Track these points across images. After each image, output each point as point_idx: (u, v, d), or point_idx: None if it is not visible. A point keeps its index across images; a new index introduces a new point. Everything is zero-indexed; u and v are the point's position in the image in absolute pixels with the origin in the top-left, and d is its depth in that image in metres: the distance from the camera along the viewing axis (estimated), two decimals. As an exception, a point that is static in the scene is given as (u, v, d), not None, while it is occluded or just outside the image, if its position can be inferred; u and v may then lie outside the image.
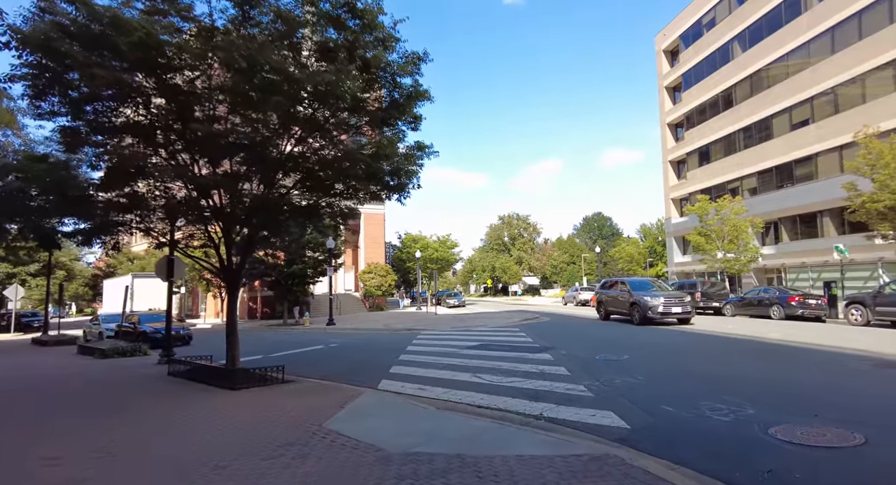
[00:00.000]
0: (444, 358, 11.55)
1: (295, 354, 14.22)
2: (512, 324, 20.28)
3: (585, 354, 11.32)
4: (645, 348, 12.04)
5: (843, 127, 25.93)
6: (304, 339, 19.24)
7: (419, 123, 11.88)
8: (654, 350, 11.75)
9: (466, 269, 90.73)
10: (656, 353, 11.28)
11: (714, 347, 12.42)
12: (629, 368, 9.28)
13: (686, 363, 9.82)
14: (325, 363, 12.31)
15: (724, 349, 11.86)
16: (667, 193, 43.53)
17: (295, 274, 26.34)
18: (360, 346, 15.65)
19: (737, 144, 34.19)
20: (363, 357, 13.01)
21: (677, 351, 11.67)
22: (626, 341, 13.61)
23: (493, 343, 13.84)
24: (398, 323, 23.07)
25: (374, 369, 10.77)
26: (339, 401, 7.34)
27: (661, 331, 16.37)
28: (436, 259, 45.16)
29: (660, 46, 43.51)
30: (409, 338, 16.58)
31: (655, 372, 8.83)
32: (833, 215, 27.13)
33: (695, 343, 13.20)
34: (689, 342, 13.39)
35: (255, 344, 18.14)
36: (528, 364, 10.13)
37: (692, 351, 11.69)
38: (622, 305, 19.87)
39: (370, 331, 20.91)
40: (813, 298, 19.75)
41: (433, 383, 8.83)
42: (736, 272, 27.65)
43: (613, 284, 22.36)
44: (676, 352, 11.50)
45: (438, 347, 13.71)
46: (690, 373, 8.63)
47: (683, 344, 12.96)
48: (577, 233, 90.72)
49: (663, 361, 10.07)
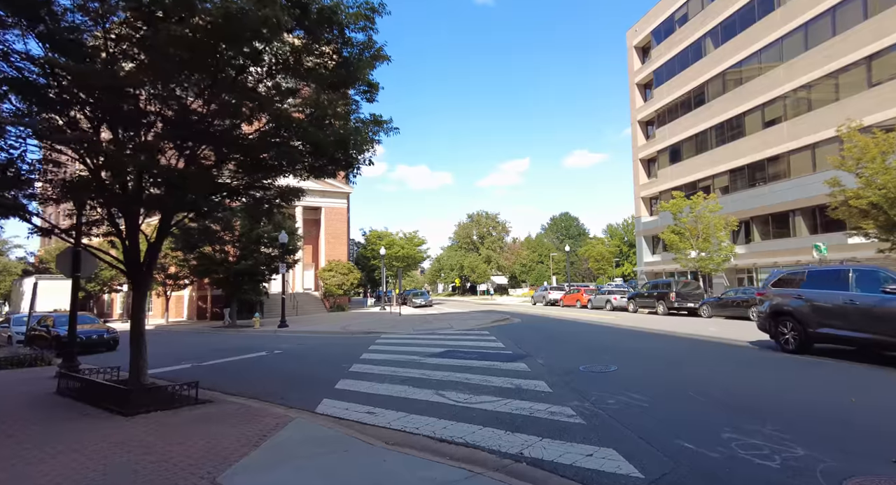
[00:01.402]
0: (402, 369, 9.87)
1: (231, 364, 12.26)
2: (481, 326, 18.74)
3: (565, 363, 9.83)
4: (631, 357, 10.64)
5: (816, 125, 25.52)
6: (248, 343, 17.21)
7: (375, 92, 10.18)
8: (643, 359, 10.36)
9: (434, 268, 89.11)
10: (646, 362, 9.88)
11: (708, 354, 11.13)
12: (621, 382, 7.80)
13: (685, 376, 8.42)
14: (261, 375, 10.44)
15: (719, 358, 10.57)
16: (637, 192, 42.97)
17: (245, 271, 24.12)
18: (309, 352, 13.78)
19: (709, 142, 33.69)
20: (308, 368, 11.19)
21: (669, 360, 10.30)
22: (607, 347, 12.21)
23: (460, 350, 12.23)
24: (357, 325, 21.23)
25: (319, 383, 9.04)
26: (256, 434, 5.58)
27: (642, 335, 15.10)
28: (402, 257, 43.34)
29: (631, 42, 42.89)
30: (367, 343, 14.83)
31: (653, 389, 7.38)
32: (806, 214, 26.73)
33: (685, 350, 11.91)
34: (678, 349, 12.10)
35: (190, 349, 16.02)
36: (501, 377, 8.55)
37: (686, 360, 10.35)
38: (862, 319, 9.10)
39: (325, 334, 19.02)
40: (793, 298, 18.94)
41: (386, 403, 7.16)
42: (710, 272, 26.94)
43: (829, 275, 10.14)
44: (668, 361, 10.13)
45: (398, 354, 12.02)
46: (695, 390, 7.21)
47: (673, 351, 11.64)
48: (544, 232, 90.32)
49: (658, 374, 8.65)
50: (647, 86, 42.22)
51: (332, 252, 37.41)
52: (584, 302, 33.52)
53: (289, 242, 25.44)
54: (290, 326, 22.43)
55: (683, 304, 24.03)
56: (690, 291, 24.50)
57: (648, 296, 26.11)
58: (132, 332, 8.21)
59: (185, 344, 18.26)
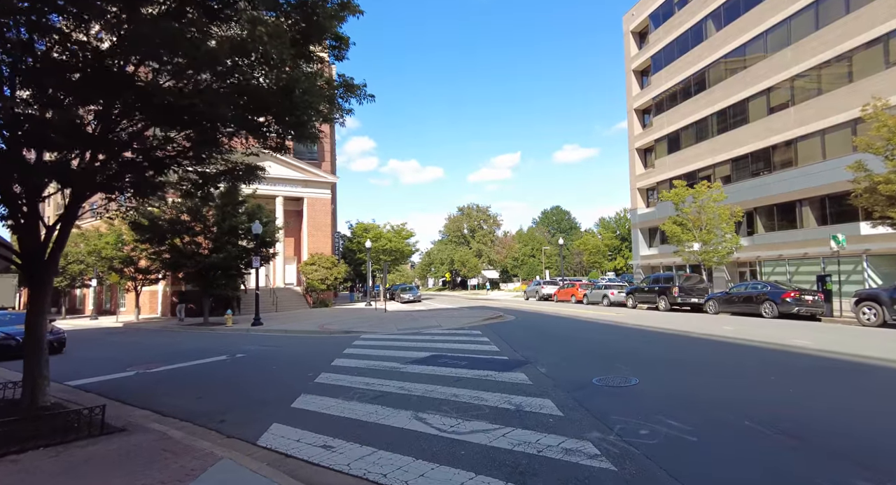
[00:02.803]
0: (378, 380, 8.22)
1: (182, 371, 10.52)
2: (472, 324, 17.13)
3: (573, 373, 8.24)
4: (650, 364, 9.06)
5: (826, 109, 24.11)
6: (214, 344, 15.45)
7: (345, 48, 8.52)
8: (665, 367, 8.78)
9: (424, 262, 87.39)
10: (671, 373, 8.29)
11: (741, 361, 9.57)
12: (649, 402, 6.21)
13: (728, 393, 6.84)
14: (210, 387, 8.73)
15: (757, 366, 9.00)
16: (633, 183, 41.51)
17: (217, 265, 22.26)
18: (275, 357, 12.07)
19: (709, 130, 32.22)
20: (268, 377, 9.48)
21: (697, 368, 8.73)
22: (618, 351, 10.62)
23: (447, 354, 10.59)
24: (337, 323, 19.52)
25: (272, 398, 7.40)
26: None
27: (654, 336, 13.55)
28: (389, 250, 41.58)
29: (628, 27, 41.27)
30: (344, 344, 13.15)
31: (694, 412, 5.78)
32: (814, 205, 25.36)
33: (709, 354, 10.36)
34: (702, 354, 10.54)
35: (145, 352, 14.24)
36: (496, 393, 6.93)
37: (718, 368, 8.77)
38: None
39: (300, 334, 17.30)
40: (809, 293, 17.53)
41: (351, 431, 5.54)
42: (714, 265, 25.51)
43: None
44: (697, 370, 8.55)
45: (376, 360, 10.35)
46: (750, 415, 5.62)
47: (697, 357, 10.07)
48: (536, 226, 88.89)
49: (692, 390, 7.06)
50: (643, 72, 40.67)
51: (315, 245, 35.55)
52: (579, 297, 32.06)
53: (265, 233, 23.62)
54: (264, 325, 20.67)
55: (687, 299, 22.60)
56: (694, 286, 23.06)
57: (649, 291, 24.64)
58: (27, 339, 6.47)
59: (141, 346, 16.46)
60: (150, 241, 22.40)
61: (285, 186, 34.83)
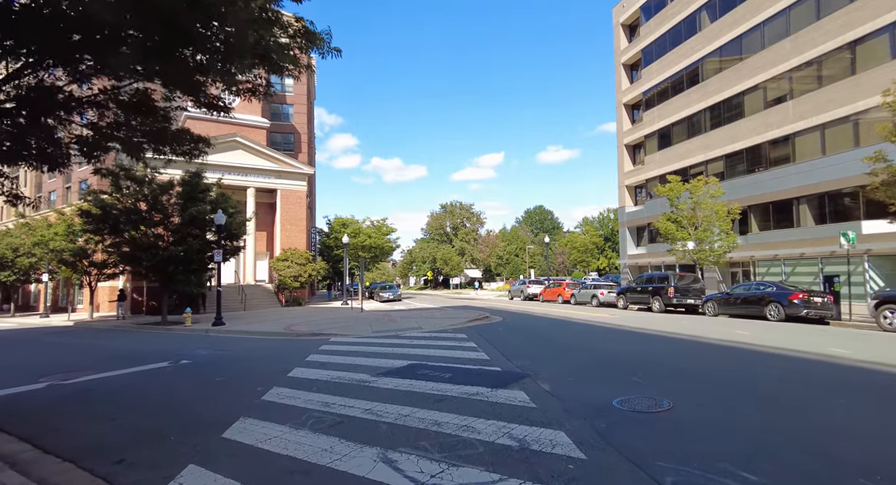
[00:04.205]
0: (341, 399, 6.53)
1: (107, 382, 8.67)
2: (456, 326, 15.50)
3: (586, 390, 6.67)
4: (678, 379, 7.53)
5: (827, 103, 23.07)
6: (161, 347, 13.55)
7: (305, -20, 6.79)
8: (698, 383, 7.24)
9: (406, 260, 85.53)
10: (706, 389, 6.75)
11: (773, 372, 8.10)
12: (699, 439, 4.65)
13: (791, 421, 5.32)
14: (129, 406, 6.92)
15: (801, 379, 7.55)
16: (621, 180, 40.36)
17: (176, 258, 20.22)
18: (225, 364, 10.26)
19: (702, 125, 31.12)
20: (207, 393, 7.69)
21: (731, 384, 7.21)
22: (631, 361, 9.08)
23: (428, 363, 8.94)
24: (306, 324, 17.72)
25: (202, 423, 5.71)
26: None
27: (661, 340, 12.07)
28: (369, 247, 39.71)
29: (618, 19, 40.08)
30: (309, 349, 11.41)
31: (771, 457, 4.22)
32: (812, 202, 24.32)
33: (738, 364, 8.89)
34: (728, 363, 9.07)
35: (76, 357, 12.30)
36: (491, 421, 5.31)
37: (757, 384, 7.27)
38: None
39: (262, 336, 15.46)
40: (818, 295, 16.30)
41: (291, 481, 3.85)
42: (710, 264, 24.32)
43: None
44: (732, 386, 7.03)
45: (342, 369, 8.64)
46: (849, 459, 4.10)
47: (725, 368, 8.58)
48: (519, 225, 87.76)
49: (743, 416, 5.53)
50: (634, 67, 39.52)
51: (288, 240, 33.51)
52: (566, 297, 30.69)
53: (231, 224, 21.64)
54: (227, 325, 18.75)
55: (682, 300, 21.32)
56: (689, 286, 21.80)
57: (641, 291, 23.33)
58: None
59: (76, 349, 14.47)
60: (100, 231, 20.25)
61: (257, 177, 32.75)
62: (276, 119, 41.91)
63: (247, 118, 34.21)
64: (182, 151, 8.15)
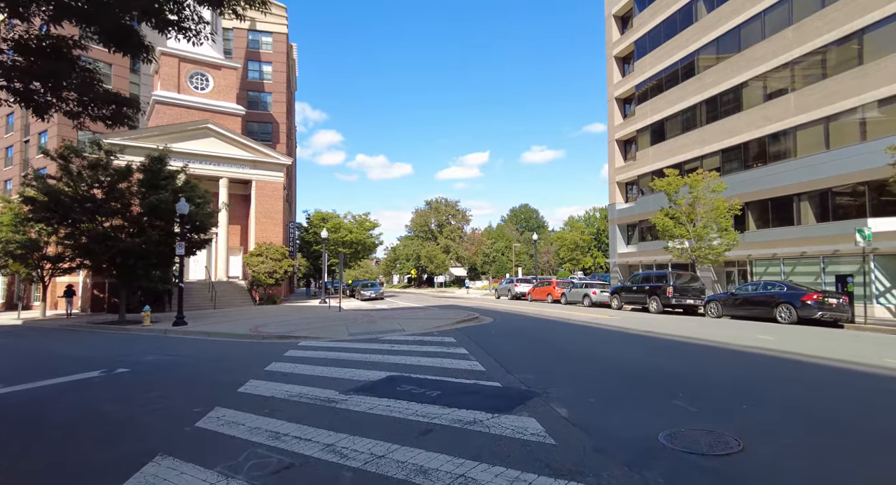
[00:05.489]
0: (296, 429, 4.95)
1: (7, 398, 6.94)
2: (442, 328, 13.97)
3: (615, 417, 5.19)
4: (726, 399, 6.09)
5: (832, 94, 22.04)
6: (106, 351, 11.77)
7: None
8: (758, 408, 5.79)
9: (390, 258, 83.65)
10: (771, 417, 5.31)
11: (842, 391, 6.75)
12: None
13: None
14: (17, 437, 5.24)
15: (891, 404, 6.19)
16: (611, 176, 39.20)
17: (133, 251, 18.31)
18: (169, 374, 8.57)
19: (698, 119, 30.03)
20: (130, 413, 6.00)
21: (802, 409, 5.79)
22: (659, 372, 7.64)
23: (411, 376, 7.39)
24: (276, 324, 16.02)
25: (102, 465, 4.11)
26: None
27: (676, 345, 10.69)
28: (350, 242, 37.93)
29: (609, 10, 38.87)
30: (273, 355, 9.79)
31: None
32: (813, 199, 23.31)
33: (790, 379, 7.51)
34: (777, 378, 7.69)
35: (3, 360, 10.49)
36: (497, 465, 3.82)
37: (836, 410, 5.87)
38: None
39: (225, 338, 13.75)
40: (833, 296, 15.12)
41: None
42: (710, 263, 23.16)
43: None
44: (807, 412, 5.61)
45: (306, 384, 7.05)
46: None
47: (777, 384, 7.19)
48: (504, 223, 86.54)
49: (847, 464, 4.10)
50: (626, 59, 38.35)
51: (264, 234, 31.57)
52: (556, 296, 29.41)
53: (197, 215, 19.75)
54: (189, 325, 16.95)
55: (681, 300, 20.11)
56: (688, 286, 20.60)
57: (637, 290, 22.08)
58: None
59: (5, 352, 12.61)
60: (47, 220, 18.26)
61: (230, 167, 30.76)
62: (253, 107, 39.89)
63: (220, 104, 32.20)
64: (103, 114, 6.46)
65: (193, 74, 31.79)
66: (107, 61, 35.83)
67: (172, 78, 30.78)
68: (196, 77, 31.90)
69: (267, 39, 41.62)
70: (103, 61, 35.69)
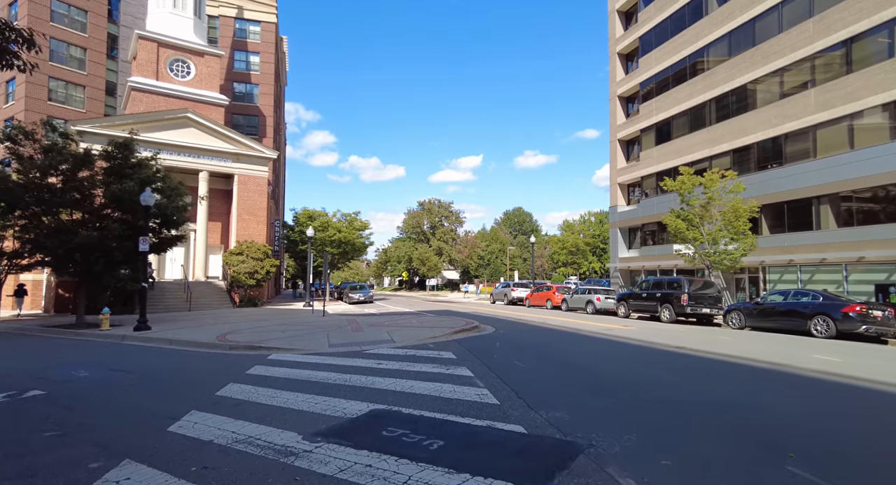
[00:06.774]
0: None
1: None
2: (438, 339, 12.16)
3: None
4: (866, 471, 4.36)
5: (858, 90, 20.55)
6: (35, 362, 9.82)
7: None
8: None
9: (381, 259, 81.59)
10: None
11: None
12: None
13: None
14: None
15: None
16: (613, 178, 37.64)
17: (91, 245, 16.31)
18: (89, 402, 6.64)
19: (707, 117, 28.52)
20: (22, 465, 4.12)
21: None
22: (746, 416, 5.88)
23: (402, 411, 5.55)
24: (250, 331, 14.12)
25: None
26: None
27: (726, 367, 8.93)
28: (339, 242, 36.00)
29: (613, 6, 37.39)
30: (233, 372, 7.94)
31: None
32: (835, 202, 21.80)
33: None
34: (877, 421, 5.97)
35: None
36: None
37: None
38: None
39: (186, 347, 11.83)
40: (878, 308, 13.48)
41: None
42: (726, 268, 21.53)
43: None
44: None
45: (261, 420, 5.20)
46: None
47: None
48: (498, 226, 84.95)
49: None
50: (629, 56, 36.88)
51: (246, 232, 29.57)
52: (556, 302, 27.68)
53: (167, 207, 17.78)
54: (153, 329, 15.01)
55: (696, 309, 18.45)
56: (702, 293, 18.95)
57: (647, 297, 20.39)
58: None
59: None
60: (-7, 210, 16.22)
61: (211, 159, 28.76)
62: (239, 99, 37.94)
63: (202, 93, 30.20)
64: None
65: (174, 61, 29.78)
66: (81, 46, 33.72)
67: (150, 64, 28.75)
68: (176, 64, 29.89)
69: (255, 29, 39.68)
70: (77, 46, 33.61)
